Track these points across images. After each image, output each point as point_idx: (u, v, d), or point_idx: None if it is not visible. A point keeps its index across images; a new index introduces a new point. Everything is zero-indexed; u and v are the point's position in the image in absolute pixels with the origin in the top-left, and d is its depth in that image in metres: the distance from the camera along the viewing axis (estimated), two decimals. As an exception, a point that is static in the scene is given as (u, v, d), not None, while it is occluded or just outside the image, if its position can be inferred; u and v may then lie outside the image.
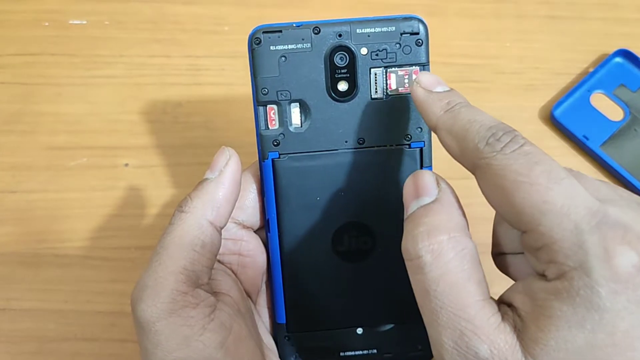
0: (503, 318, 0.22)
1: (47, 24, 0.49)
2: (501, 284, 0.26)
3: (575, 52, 0.49)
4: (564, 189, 0.22)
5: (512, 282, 0.26)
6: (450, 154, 0.26)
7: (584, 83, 0.47)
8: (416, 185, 0.25)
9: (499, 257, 0.29)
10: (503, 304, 0.24)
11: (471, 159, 0.24)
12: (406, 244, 0.24)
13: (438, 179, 0.25)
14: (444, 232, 0.23)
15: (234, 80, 0.48)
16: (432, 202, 0.24)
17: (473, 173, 0.24)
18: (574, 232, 0.21)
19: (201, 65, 0.48)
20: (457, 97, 0.26)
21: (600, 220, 0.21)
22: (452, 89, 0.27)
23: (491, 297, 0.23)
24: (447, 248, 0.23)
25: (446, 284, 0.22)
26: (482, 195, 0.25)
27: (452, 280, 0.22)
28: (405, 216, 0.25)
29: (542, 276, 0.22)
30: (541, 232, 0.22)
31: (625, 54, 0.48)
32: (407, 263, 0.24)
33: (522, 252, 0.24)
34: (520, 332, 0.22)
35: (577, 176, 0.24)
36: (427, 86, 0.27)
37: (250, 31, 0.29)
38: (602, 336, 0.20)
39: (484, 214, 0.28)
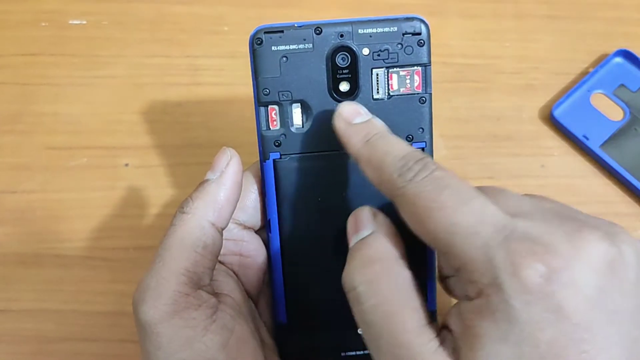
0: (442, 343, 0.23)
1: (46, 24, 0.49)
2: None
3: (575, 52, 0.49)
4: (471, 208, 0.22)
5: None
6: (373, 184, 0.26)
7: (584, 83, 0.47)
8: (355, 221, 0.26)
9: (444, 280, 0.29)
10: (444, 328, 0.24)
11: (389, 190, 0.25)
12: (343, 277, 0.25)
13: (375, 213, 0.26)
14: (377, 262, 0.24)
15: (234, 80, 0.48)
16: (369, 235, 0.25)
17: (393, 202, 0.25)
18: (483, 249, 0.22)
19: (201, 65, 0.48)
20: (374, 128, 0.27)
21: (507, 235, 0.22)
22: (370, 118, 0.28)
23: (433, 323, 0.24)
24: (380, 278, 0.24)
25: (382, 312, 0.23)
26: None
27: (387, 309, 0.23)
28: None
29: (467, 296, 0.23)
30: (455, 253, 0.22)
31: (625, 54, 0.48)
32: (347, 296, 0.25)
33: None
34: (457, 354, 0.22)
35: (498, 193, 0.25)
36: (347, 118, 0.27)
37: (250, 31, 0.29)
38: (527, 349, 0.21)
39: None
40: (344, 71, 0.30)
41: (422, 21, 0.29)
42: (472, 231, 0.22)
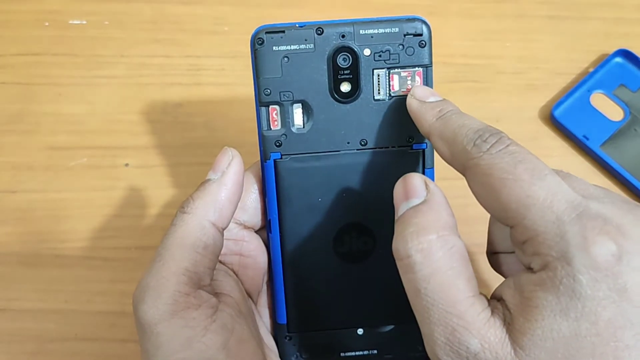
0: (493, 313, 0.23)
1: (47, 24, 0.49)
2: (497, 284, 0.26)
3: (575, 52, 0.49)
4: (547, 184, 0.23)
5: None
6: (442, 158, 0.27)
7: (584, 83, 0.47)
8: (405, 187, 0.26)
9: (493, 256, 0.31)
10: (494, 299, 0.24)
11: (461, 161, 0.25)
12: (396, 245, 0.24)
13: (427, 181, 0.26)
14: (433, 232, 0.24)
15: (234, 80, 0.48)
16: (421, 203, 0.25)
17: (463, 174, 0.26)
18: (555, 223, 0.22)
19: (201, 65, 0.48)
20: (448, 106, 0.28)
21: (581, 212, 0.22)
22: (444, 99, 0.28)
23: (481, 293, 0.24)
24: (436, 247, 0.23)
25: (436, 282, 0.23)
26: (479, 196, 0.25)
27: (441, 278, 0.23)
28: (395, 218, 0.26)
29: (529, 269, 0.23)
30: (526, 225, 0.23)
31: (625, 54, 0.48)
32: (397, 263, 0.24)
33: (514, 251, 0.25)
34: (509, 325, 0.22)
35: (565, 176, 0.25)
36: (421, 97, 0.28)
37: (251, 31, 0.29)
38: (586, 325, 0.21)
39: (480, 214, 0.28)
40: (345, 72, 0.30)
41: (424, 22, 0.29)
42: (546, 205, 0.22)
